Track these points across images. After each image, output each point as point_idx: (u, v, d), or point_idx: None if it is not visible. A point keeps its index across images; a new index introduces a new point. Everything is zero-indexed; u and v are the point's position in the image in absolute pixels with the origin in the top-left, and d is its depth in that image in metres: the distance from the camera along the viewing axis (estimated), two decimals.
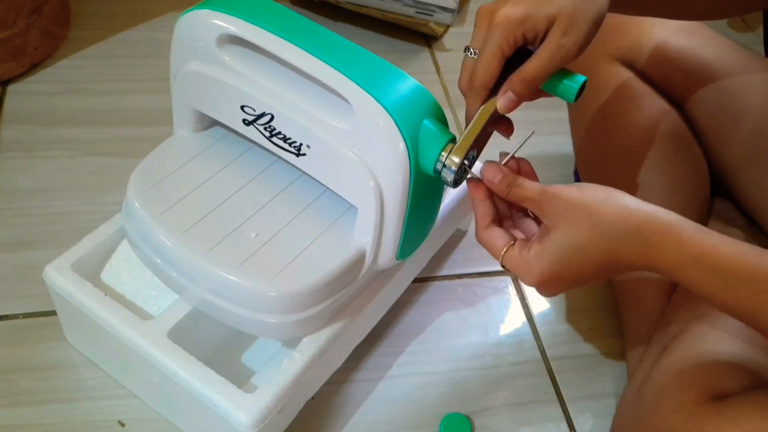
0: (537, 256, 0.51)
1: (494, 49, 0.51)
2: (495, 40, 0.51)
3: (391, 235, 0.58)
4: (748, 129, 0.75)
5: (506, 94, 0.53)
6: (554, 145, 1.01)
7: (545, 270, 0.51)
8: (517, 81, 0.52)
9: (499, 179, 0.52)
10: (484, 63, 0.52)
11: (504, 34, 0.51)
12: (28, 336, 0.71)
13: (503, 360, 0.77)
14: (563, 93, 0.54)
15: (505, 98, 0.53)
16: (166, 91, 0.63)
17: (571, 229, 0.50)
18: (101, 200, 0.84)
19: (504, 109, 0.53)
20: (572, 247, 0.50)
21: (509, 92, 0.53)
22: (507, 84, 0.53)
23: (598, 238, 0.50)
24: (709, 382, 0.60)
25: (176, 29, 0.58)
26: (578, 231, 0.50)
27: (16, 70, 0.96)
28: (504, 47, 0.51)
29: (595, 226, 0.50)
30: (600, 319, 0.82)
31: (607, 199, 0.50)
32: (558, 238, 0.51)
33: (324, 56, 0.53)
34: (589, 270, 0.51)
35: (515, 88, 0.52)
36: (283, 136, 0.57)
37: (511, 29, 0.51)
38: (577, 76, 0.53)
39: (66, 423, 0.65)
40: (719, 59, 0.77)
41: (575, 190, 0.51)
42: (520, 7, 0.51)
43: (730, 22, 1.34)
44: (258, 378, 0.64)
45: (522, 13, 0.51)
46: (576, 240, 0.50)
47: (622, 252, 0.50)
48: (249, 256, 0.56)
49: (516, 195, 0.52)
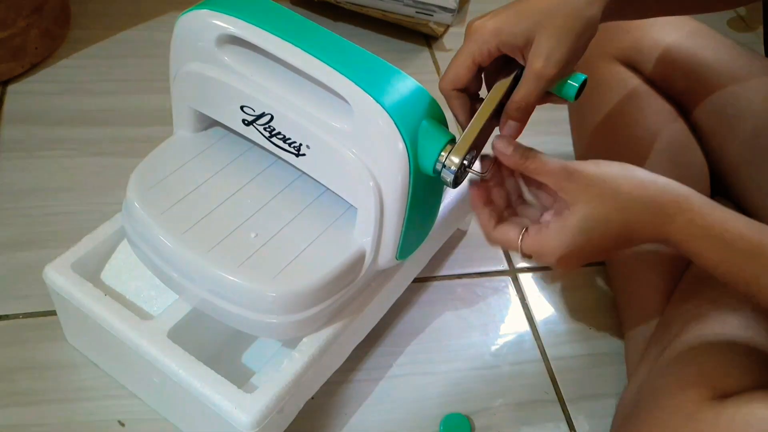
0: (558, 232, 0.52)
1: (464, 56, 0.53)
2: (468, 47, 0.53)
3: (390, 235, 0.58)
4: (749, 129, 0.75)
5: (507, 123, 0.55)
6: (554, 145, 1.00)
7: (568, 244, 0.52)
8: (512, 109, 0.54)
9: (511, 151, 0.53)
10: (452, 67, 0.54)
11: (478, 44, 0.53)
12: (28, 336, 0.71)
13: (503, 360, 0.77)
14: (564, 92, 0.54)
15: (507, 127, 0.55)
16: (166, 91, 0.63)
17: (592, 203, 0.52)
18: (101, 200, 0.84)
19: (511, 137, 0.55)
20: (594, 218, 0.52)
21: (510, 121, 0.55)
22: (505, 114, 0.55)
23: (617, 210, 0.52)
24: (709, 382, 0.60)
25: (176, 29, 0.58)
26: (599, 204, 0.52)
27: (16, 70, 0.96)
28: (476, 55, 0.53)
29: (615, 199, 0.52)
30: (600, 319, 0.82)
31: (624, 174, 0.53)
32: (579, 211, 0.52)
33: (323, 56, 0.53)
34: (609, 242, 0.53)
35: (513, 116, 0.54)
36: (282, 136, 0.57)
37: (485, 40, 0.52)
38: (577, 75, 0.54)
39: (66, 423, 0.66)
40: (720, 59, 0.77)
41: (593, 166, 0.53)
42: (497, 19, 0.52)
43: (730, 22, 1.34)
44: (258, 378, 0.64)
45: (497, 25, 0.52)
46: (597, 213, 0.52)
47: (640, 222, 0.52)
48: (249, 256, 0.56)
49: (532, 168, 0.53)
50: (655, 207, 0.52)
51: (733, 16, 1.36)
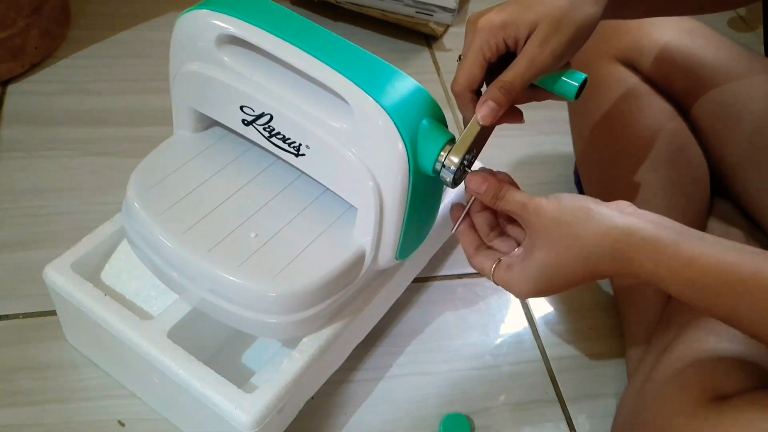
0: (521, 273, 0.54)
1: (475, 53, 0.53)
2: (476, 44, 0.53)
3: (390, 235, 0.58)
4: (749, 129, 0.75)
5: (486, 102, 0.53)
6: (554, 145, 1.01)
7: (531, 288, 0.54)
8: (495, 89, 0.53)
9: (484, 189, 0.54)
10: (465, 66, 0.54)
11: (485, 38, 0.52)
12: (28, 336, 0.71)
13: (503, 360, 0.77)
14: (564, 91, 0.54)
15: (485, 107, 0.53)
16: (166, 91, 0.63)
17: (551, 248, 0.52)
18: (101, 200, 0.84)
19: (484, 119, 0.53)
20: (553, 265, 0.52)
21: (489, 101, 0.53)
22: (486, 93, 0.53)
23: (576, 257, 0.51)
24: (710, 382, 0.60)
25: (176, 29, 0.59)
26: (558, 249, 0.52)
27: (16, 70, 0.96)
28: (485, 51, 0.53)
29: (574, 245, 0.51)
30: (600, 319, 0.82)
31: (585, 218, 0.51)
32: (539, 257, 0.52)
33: (323, 57, 0.53)
34: (572, 283, 0.53)
35: (494, 96, 0.53)
36: (282, 136, 0.57)
37: (492, 34, 0.52)
38: (577, 74, 0.54)
39: (66, 423, 0.66)
40: (720, 59, 0.77)
41: (554, 203, 0.52)
42: (503, 13, 0.52)
43: (730, 22, 1.34)
44: (258, 378, 0.64)
45: (503, 18, 0.52)
46: (556, 258, 0.52)
47: (602, 268, 0.51)
48: (249, 256, 0.56)
49: (501, 207, 0.55)
50: (618, 252, 0.50)
51: (733, 16, 1.36)
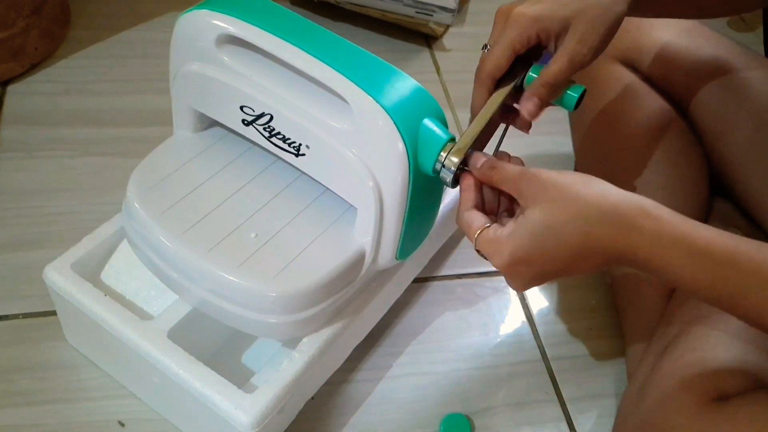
0: (510, 235, 0.49)
1: (506, 44, 0.54)
2: (508, 35, 0.54)
3: (390, 235, 0.58)
4: (748, 129, 0.75)
5: (531, 98, 0.55)
6: (554, 145, 1.01)
7: (517, 249, 0.48)
8: (539, 85, 0.54)
9: (480, 163, 0.52)
10: (494, 54, 0.55)
11: (518, 30, 0.54)
12: (28, 336, 0.71)
13: (503, 360, 0.77)
14: (564, 102, 0.57)
15: (530, 103, 0.55)
16: (166, 91, 0.63)
17: (547, 207, 0.48)
18: (101, 200, 0.84)
19: (530, 114, 0.55)
20: (547, 224, 0.48)
21: (533, 97, 0.55)
22: (529, 89, 0.55)
23: (573, 217, 0.47)
24: (711, 383, 0.60)
25: (176, 29, 0.59)
26: (554, 209, 0.48)
27: (16, 70, 0.96)
28: (516, 43, 0.54)
29: (572, 205, 0.48)
30: (600, 319, 0.82)
31: (585, 182, 0.49)
32: (532, 215, 0.48)
33: (323, 56, 0.53)
34: (563, 253, 0.48)
35: (538, 92, 0.55)
36: (282, 136, 0.57)
37: (526, 27, 0.54)
38: (576, 86, 0.56)
39: (66, 423, 0.66)
40: (719, 59, 0.77)
41: (554, 172, 0.50)
42: (537, 6, 0.54)
43: (730, 22, 1.34)
44: (258, 378, 0.64)
45: (537, 12, 0.53)
46: (551, 219, 0.48)
47: (599, 233, 0.47)
48: (249, 257, 0.56)
49: (496, 177, 0.51)
50: (617, 216, 0.47)
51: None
